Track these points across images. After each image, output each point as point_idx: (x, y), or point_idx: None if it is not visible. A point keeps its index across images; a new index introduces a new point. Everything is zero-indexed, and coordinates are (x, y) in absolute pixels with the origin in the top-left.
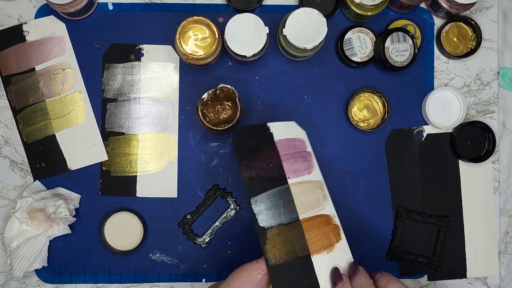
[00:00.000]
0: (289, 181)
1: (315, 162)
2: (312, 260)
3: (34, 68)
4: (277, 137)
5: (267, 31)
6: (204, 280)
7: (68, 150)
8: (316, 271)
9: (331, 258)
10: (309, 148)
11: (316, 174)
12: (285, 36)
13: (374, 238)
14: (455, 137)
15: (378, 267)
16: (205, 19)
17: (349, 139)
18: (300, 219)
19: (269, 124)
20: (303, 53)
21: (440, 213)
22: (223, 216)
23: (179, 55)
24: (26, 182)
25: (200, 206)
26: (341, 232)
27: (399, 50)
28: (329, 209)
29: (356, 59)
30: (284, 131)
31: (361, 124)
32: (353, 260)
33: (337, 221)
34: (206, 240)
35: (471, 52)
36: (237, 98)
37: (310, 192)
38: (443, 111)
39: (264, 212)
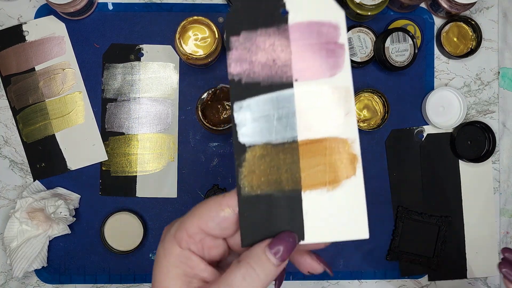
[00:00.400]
0: (296, 84)
1: (346, 59)
2: (302, 197)
3: (34, 68)
4: (294, 18)
5: None
6: None
7: (68, 150)
8: (304, 213)
9: (331, 198)
10: (343, 38)
11: (343, 77)
12: None
13: (374, 238)
14: (455, 137)
15: (378, 267)
16: (205, 19)
17: None
18: (299, 140)
19: None
20: None
21: (440, 213)
22: None
23: (179, 55)
24: (26, 182)
25: None
26: (358, 165)
27: (399, 50)
28: (348, 130)
29: (356, 59)
30: (308, 9)
31: (361, 124)
32: (365, 204)
33: (356, 148)
34: None
35: (471, 52)
36: None
37: (326, 103)
38: (443, 111)
39: (249, 124)
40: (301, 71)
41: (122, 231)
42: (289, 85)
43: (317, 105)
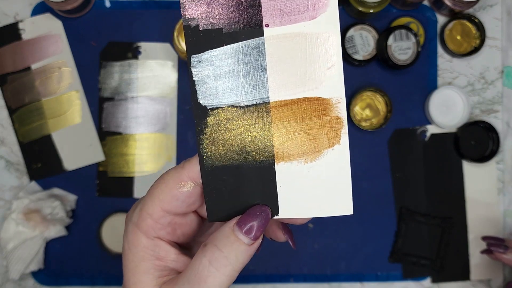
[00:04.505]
0: (267, 31)
1: None
2: (276, 169)
3: (30, 66)
4: None
5: None
6: None
7: (64, 150)
8: (278, 186)
9: (310, 171)
10: None
11: (327, 20)
12: None
13: (377, 239)
14: (459, 137)
15: (381, 269)
16: None
17: (350, 139)
18: (271, 101)
19: None
20: None
21: (444, 215)
22: None
23: (177, 53)
24: (22, 183)
25: None
26: (344, 131)
27: (402, 48)
28: (331, 87)
29: (358, 57)
30: None
31: (363, 124)
32: (350, 177)
33: (341, 110)
34: None
35: (475, 50)
36: None
37: (302, 53)
38: (446, 111)
39: (210, 82)
40: (273, 13)
41: (120, 233)
42: (259, 32)
43: (293, 57)
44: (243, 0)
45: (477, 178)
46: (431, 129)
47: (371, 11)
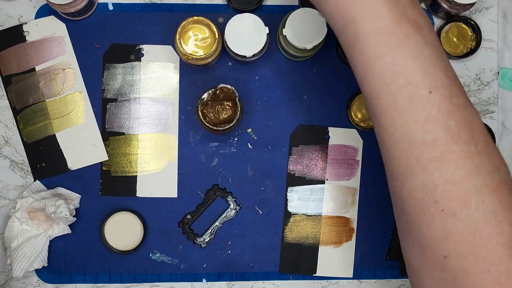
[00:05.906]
0: (326, 182)
1: (358, 170)
2: (319, 249)
3: (34, 68)
4: (332, 141)
5: (267, 31)
6: (204, 280)
7: (68, 150)
8: (319, 258)
9: (335, 252)
10: (359, 157)
11: (354, 182)
12: (285, 36)
13: (374, 237)
14: None
15: (378, 267)
16: (205, 19)
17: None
18: (323, 215)
19: (330, 128)
20: (303, 53)
21: None
22: (223, 216)
23: (179, 55)
24: (27, 182)
25: (200, 206)
26: (354, 234)
27: None
28: (352, 213)
29: None
30: (341, 137)
31: (362, 124)
32: (353, 258)
33: (354, 224)
34: (206, 240)
35: (471, 52)
36: (237, 98)
37: (341, 196)
38: None
39: (295, 201)
40: (331, 175)
41: (122, 231)
42: (322, 182)
43: (336, 196)
44: (319, 166)
45: None
46: None
47: None
